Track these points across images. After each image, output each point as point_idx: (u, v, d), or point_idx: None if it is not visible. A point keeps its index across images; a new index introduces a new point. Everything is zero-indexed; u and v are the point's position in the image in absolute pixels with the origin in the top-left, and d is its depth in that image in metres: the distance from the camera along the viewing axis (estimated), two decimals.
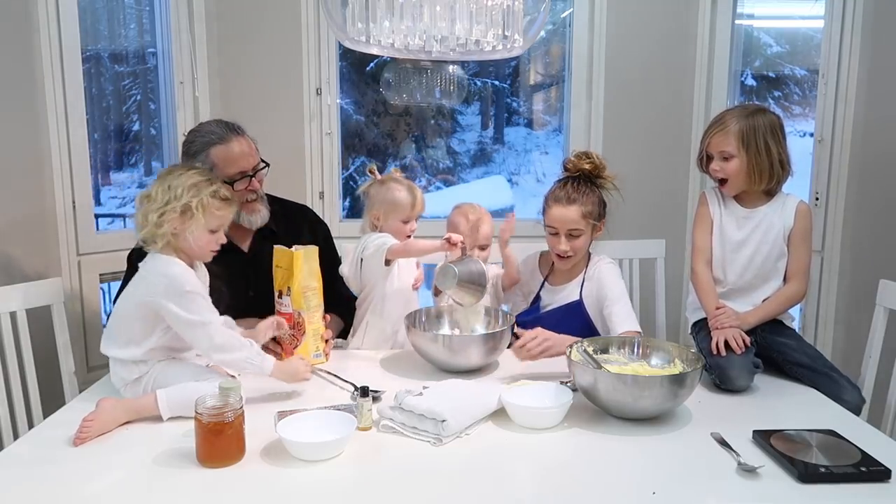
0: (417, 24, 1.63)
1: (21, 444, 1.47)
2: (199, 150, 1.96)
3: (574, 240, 1.98)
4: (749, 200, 1.98)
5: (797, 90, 3.34)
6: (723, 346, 1.78)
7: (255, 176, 1.98)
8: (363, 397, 1.51)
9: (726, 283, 1.98)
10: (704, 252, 1.99)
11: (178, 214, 1.59)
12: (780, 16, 3.20)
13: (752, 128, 1.89)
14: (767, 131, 1.88)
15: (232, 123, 2.02)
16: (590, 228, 1.99)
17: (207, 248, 1.66)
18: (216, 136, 1.96)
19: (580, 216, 1.96)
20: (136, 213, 1.63)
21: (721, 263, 1.98)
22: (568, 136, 3.08)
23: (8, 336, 1.82)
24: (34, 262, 2.30)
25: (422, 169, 4.88)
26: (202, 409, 1.34)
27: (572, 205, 1.96)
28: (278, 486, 1.28)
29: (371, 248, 1.96)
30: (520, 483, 1.32)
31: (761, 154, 1.88)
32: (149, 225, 1.59)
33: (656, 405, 1.51)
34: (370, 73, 4.06)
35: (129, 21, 2.95)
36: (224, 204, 1.65)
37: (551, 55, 3.64)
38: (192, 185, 1.60)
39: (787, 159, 1.92)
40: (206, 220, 1.61)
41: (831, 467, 1.30)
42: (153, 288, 1.57)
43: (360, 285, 2.05)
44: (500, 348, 1.88)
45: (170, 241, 1.61)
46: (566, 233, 1.97)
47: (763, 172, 1.90)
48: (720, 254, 1.98)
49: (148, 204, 1.60)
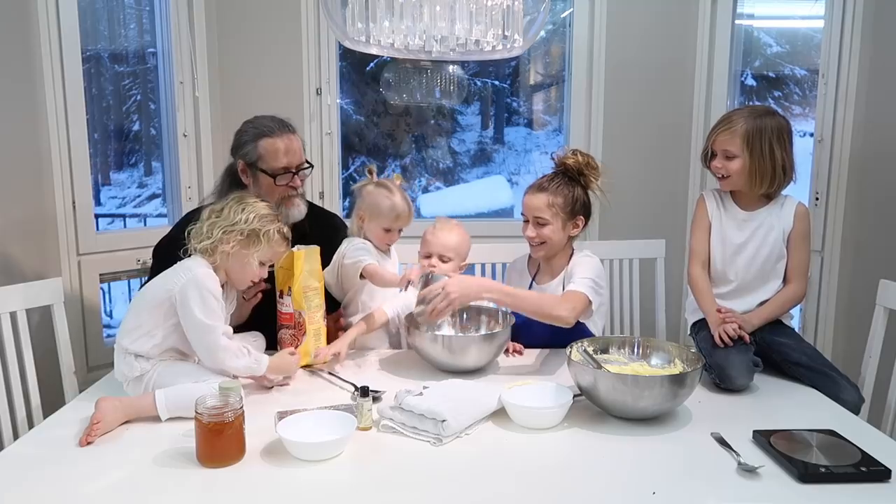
0: (417, 24, 1.63)
1: (21, 444, 1.47)
2: (249, 139, 2.01)
3: (540, 228, 1.99)
4: (748, 203, 1.98)
5: (797, 90, 3.34)
6: (726, 338, 1.80)
7: (297, 174, 2.02)
8: (363, 397, 1.51)
9: (727, 284, 1.98)
10: (701, 255, 2.00)
11: (244, 237, 1.67)
12: (780, 16, 3.20)
13: (758, 129, 1.89)
14: (773, 135, 1.88)
15: (285, 120, 2.05)
16: (559, 221, 1.98)
17: (249, 278, 1.74)
18: (267, 129, 2.00)
19: (546, 205, 1.97)
20: (201, 223, 1.70)
21: (721, 265, 1.98)
22: (568, 136, 3.08)
23: (8, 336, 1.82)
24: (34, 262, 2.30)
25: (422, 169, 4.88)
26: (202, 409, 1.34)
27: (541, 193, 1.99)
28: (278, 486, 1.28)
29: (349, 259, 1.98)
30: (520, 483, 1.32)
31: (765, 157, 1.88)
32: (213, 238, 1.67)
33: (656, 405, 1.51)
34: (370, 73, 4.06)
35: (129, 21, 2.95)
36: (283, 241, 1.75)
37: (551, 55, 3.64)
38: (263, 216, 1.71)
39: (790, 165, 1.92)
40: (265, 250, 1.70)
41: (831, 467, 1.30)
42: (178, 279, 1.63)
43: (343, 291, 2.07)
44: (500, 349, 1.89)
45: (220, 260, 1.68)
46: (532, 219, 2.00)
47: (765, 176, 1.90)
48: (720, 256, 1.98)
49: (217, 219, 1.69)
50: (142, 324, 1.63)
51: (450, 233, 2.07)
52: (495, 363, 1.92)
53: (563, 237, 2.02)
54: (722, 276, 1.99)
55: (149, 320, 1.63)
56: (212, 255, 1.67)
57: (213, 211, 1.72)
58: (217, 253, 1.67)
